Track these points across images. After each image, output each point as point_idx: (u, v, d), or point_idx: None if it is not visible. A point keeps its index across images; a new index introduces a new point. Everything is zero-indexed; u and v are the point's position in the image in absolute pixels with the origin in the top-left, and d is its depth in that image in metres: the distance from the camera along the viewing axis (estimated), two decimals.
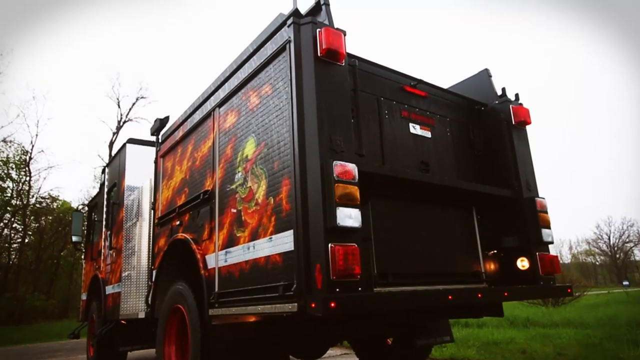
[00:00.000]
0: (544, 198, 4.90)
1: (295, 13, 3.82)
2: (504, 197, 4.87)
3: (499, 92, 5.34)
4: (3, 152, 34.42)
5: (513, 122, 5.11)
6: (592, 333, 9.48)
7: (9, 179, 34.60)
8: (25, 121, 50.18)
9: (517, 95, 5.32)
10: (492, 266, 4.94)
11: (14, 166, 34.84)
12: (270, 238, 3.73)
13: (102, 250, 8.56)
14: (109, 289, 7.79)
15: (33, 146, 35.90)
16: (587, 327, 10.99)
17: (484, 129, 5.28)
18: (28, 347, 16.90)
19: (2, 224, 34.68)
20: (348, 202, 3.35)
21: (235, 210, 4.28)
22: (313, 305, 3.12)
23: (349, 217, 3.32)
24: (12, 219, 35.30)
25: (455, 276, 4.59)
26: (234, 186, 4.36)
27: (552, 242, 4.83)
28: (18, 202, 35.09)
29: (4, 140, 34.18)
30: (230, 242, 4.28)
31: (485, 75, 5.51)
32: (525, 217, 4.82)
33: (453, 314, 5.09)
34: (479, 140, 5.24)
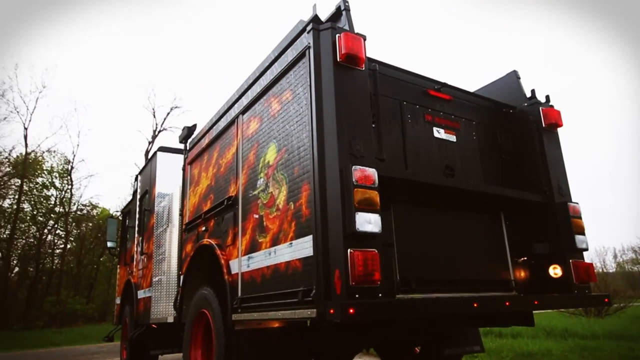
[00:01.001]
0: (577, 203, 4.74)
1: (315, 19, 3.81)
2: (534, 202, 4.74)
3: (528, 94, 5.21)
4: (47, 161, 35.68)
5: (543, 125, 4.97)
6: (635, 346, 9.11)
7: (52, 187, 35.82)
8: (68, 132, 51.71)
9: (547, 97, 5.17)
10: (522, 274, 4.80)
11: (57, 175, 36.05)
12: (291, 243, 3.71)
13: (135, 256, 8.72)
14: (141, 294, 7.91)
15: (75, 156, 37.18)
16: (630, 339, 10.57)
17: (513, 132, 5.15)
18: (68, 349, 17.33)
19: (46, 230, 35.82)
20: (367, 207, 3.30)
21: (257, 216, 4.28)
22: (332, 311, 3.08)
23: (368, 222, 3.28)
24: (56, 226, 36.44)
25: (483, 284, 4.47)
26: (256, 192, 4.38)
27: (586, 249, 4.66)
28: (61, 210, 36.18)
29: (49, 151, 35.47)
30: (253, 247, 4.29)
31: (513, 77, 5.39)
32: (557, 223, 4.67)
33: (481, 322, 4.96)
34: (507, 143, 5.12)
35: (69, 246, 37.47)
